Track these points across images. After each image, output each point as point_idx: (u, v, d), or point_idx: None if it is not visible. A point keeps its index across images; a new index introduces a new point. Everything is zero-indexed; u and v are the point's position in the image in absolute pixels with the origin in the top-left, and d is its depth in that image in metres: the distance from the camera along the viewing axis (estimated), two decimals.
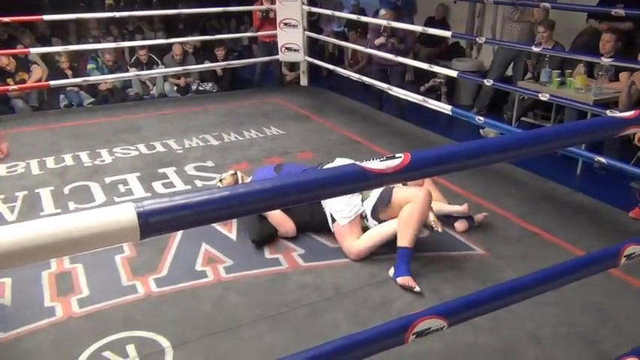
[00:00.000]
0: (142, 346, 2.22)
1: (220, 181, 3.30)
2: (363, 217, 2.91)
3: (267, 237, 2.98)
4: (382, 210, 2.85)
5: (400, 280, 2.58)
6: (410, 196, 2.73)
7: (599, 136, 2.28)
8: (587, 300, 2.49)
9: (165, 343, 2.24)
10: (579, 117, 4.95)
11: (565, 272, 1.40)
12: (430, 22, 8.03)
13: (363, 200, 2.90)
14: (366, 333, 1.18)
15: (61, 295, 2.56)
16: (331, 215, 2.90)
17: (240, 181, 3.28)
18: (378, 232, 2.83)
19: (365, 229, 2.90)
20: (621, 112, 2.77)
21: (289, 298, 2.55)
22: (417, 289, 2.54)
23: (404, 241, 2.65)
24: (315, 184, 0.98)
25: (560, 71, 5.23)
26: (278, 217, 2.99)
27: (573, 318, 2.39)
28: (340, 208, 2.87)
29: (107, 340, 2.25)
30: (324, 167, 3.07)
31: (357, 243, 2.84)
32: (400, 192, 2.83)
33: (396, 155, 1.05)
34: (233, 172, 3.33)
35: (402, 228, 2.68)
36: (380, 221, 2.87)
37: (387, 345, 1.20)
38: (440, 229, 2.79)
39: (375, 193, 2.89)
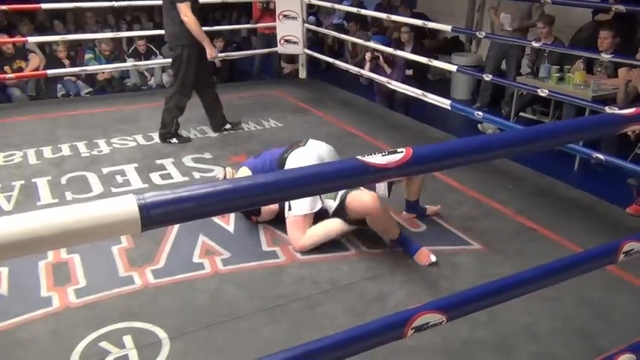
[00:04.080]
0: (139, 337, 2.22)
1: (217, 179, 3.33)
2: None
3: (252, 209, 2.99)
4: (341, 213, 2.86)
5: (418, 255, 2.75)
6: (361, 210, 2.74)
7: (599, 133, 2.28)
8: (583, 295, 2.50)
9: (162, 334, 2.24)
10: (578, 113, 4.96)
11: (564, 268, 1.40)
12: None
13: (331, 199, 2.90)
14: (364, 327, 1.18)
15: (57, 285, 2.56)
16: (289, 203, 2.88)
17: (228, 176, 3.30)
18: (322, 230, 2.84)
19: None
20: (619, 109, 2.77)
21: (286, 291, 2.55)
22: (433, 258, 2.73)
23: (392, 235, 2.82)
24: (317, 177, 0.98)
25: (559, 67, 5.23)
26: None
27: (569, 313, 2.41)
28: (301, 199, 2.83)
29: (104, 331, 2.25)
30: (296, 150, 3.08)
31: (304, 238, 2.84)
32: (352, 201, 2.77)
33: (398, 150, 1.04)
34: (222, 169, 3.37)
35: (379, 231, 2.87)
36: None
37: (386, 339, 1.20)
38: None
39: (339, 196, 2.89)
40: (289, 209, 2.88)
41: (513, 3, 5.76)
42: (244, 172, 3.17)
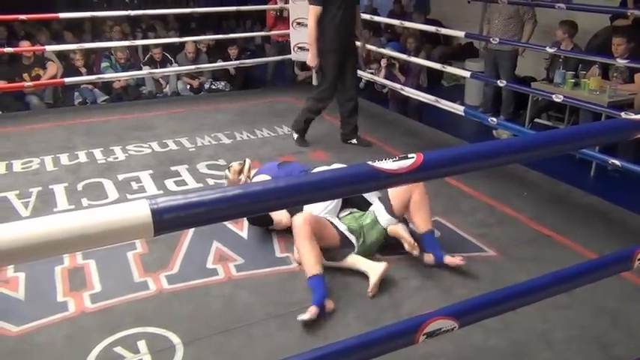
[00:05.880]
0: (153, 342, 2.24)
1: (228, 168, 3.32)
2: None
3: (262, 219, 2.99)
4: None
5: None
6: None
7: (612, 139, 2.26)
8: (600, 303, 2.47)
9: (176, 339, 2.25)
10: (594, 119, 4.91)
11: (577, 275, 1.39)
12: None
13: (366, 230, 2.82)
14: (376, 333, 1.18)
15: (73, 291, 2.58)
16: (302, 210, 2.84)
17: (245, 169, 3.29)
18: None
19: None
20: (637, 114, 2.74)
21: (299, 297, 2.55)
22: (305, 317, 2.33)
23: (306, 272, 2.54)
24: (328, 183, 0.98)
25: (574, 72, 5.19)
26: None
27: (585, 321, 2.38)
28: (314, 209, 2.80)
29: (119, 336, 2.27)
30: (319, 168, 3.10)
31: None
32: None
33: (409, 155, 1.04)
34: (242, 161, 3.34)
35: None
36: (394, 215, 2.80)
37: (398, 345, 1.20)
38: (415, 252, 2.70)
39: (378, 211, 2.82)
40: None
41: (502, 7, 5.71)
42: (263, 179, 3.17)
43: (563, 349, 2.22)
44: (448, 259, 2.70)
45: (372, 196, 2.97)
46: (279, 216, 3.00)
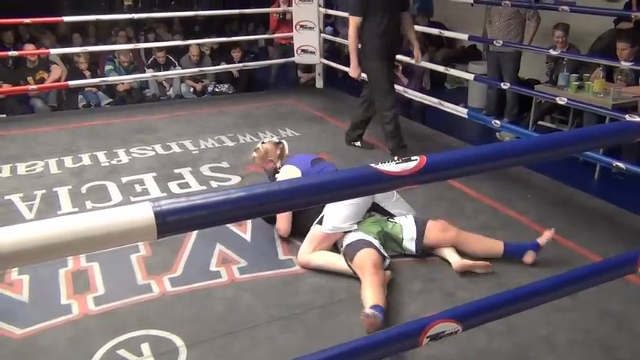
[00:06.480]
0: (157, 344, 2.24)
1: (262, 143, 3.31)
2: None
3: (267, 218, 2.99)
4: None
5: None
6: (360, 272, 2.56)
7: (616, 141, 2.26)
8: (604, 306, 2.46)
9: (179, 342, 2.25)
10: (598, 121, 4.89)
11: (582, 278, 1.39)
12: None
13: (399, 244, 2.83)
14: (380, 335, 1.18)
15: (77, 293, 2.59)
16: (322, 217, 2.81)
17: (283, 152, 3.27)
18: (327, 261, 2.74)
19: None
20: None
21: (302, 300, 2.55)
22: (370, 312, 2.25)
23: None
24: (331, 185, 0.98)
25: (577, 75, 5.18)
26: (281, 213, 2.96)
27: (589, 324, 2.37)
28: (337, 219, 2.77)
29: (122, 339, 2.27)
30: None
31: (312, 255, 2.78)
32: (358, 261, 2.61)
33: (412, 158, 1.05)
34: (277, 140, 3.33)
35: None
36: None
37: (401, 347, 1.20)
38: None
39: (408, 233, 2.82)
40: (318, 222, 2.83)
41: (502, 8, 5.68)
42: (293, 172, 3.05)
43: (566, 352, 2.21)
44: (542, 240, 2.79)
45: (403, 209, 2.97)
46: (279, 224, 3.00)
